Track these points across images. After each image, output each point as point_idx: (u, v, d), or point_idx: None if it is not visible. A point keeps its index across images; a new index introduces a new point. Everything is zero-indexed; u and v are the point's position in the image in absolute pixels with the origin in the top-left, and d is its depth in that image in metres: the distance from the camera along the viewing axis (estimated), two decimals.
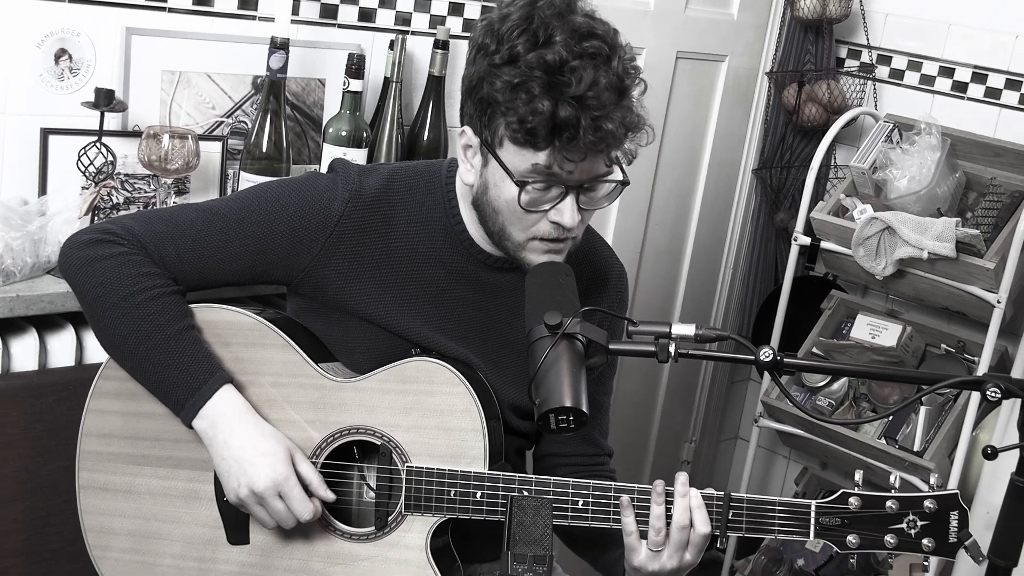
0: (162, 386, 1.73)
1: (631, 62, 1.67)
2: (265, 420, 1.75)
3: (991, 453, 1.49)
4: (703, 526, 1.69)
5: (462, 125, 1.75)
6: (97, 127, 2.14)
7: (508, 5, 1.67)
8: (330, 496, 1.74)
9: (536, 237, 1.72)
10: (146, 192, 2.27)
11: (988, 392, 1.49)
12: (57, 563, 2.09)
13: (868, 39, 3.49)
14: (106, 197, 2.20)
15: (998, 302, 2.88)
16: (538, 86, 1.60)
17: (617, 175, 1.72)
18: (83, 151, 2.13)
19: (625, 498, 1.71)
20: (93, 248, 1.75)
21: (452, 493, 1.73)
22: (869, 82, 3.50)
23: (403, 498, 1.74)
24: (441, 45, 2.59)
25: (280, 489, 1.69)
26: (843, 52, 3.56)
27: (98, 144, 2.14)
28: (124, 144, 2.22)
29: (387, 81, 2.57)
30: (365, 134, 2.45)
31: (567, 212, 1.68)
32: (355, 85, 2.43)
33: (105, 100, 2.12)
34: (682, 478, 1.71)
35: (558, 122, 1.60)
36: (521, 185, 1.66)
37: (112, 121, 2.22)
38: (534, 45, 1.62)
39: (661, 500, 1.69)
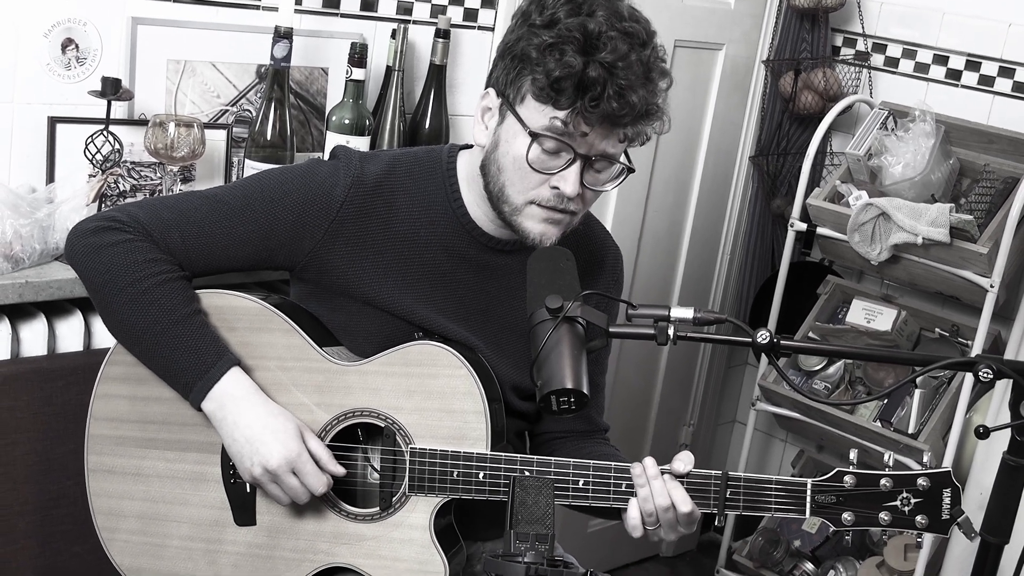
0: (170, 370, 1.75)
1: (662, 61, 1.72)
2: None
3: (983, 432, 1.50)
4: (683, 505, 1.70)
5: (487, 88, 1.78)
6: (104, 116, 2.16)
7: None
8: (340, 471, 1.75)
9: (534, 202, 1.74)
10: (152, 180, 2.29)
11: (980, 373, 1.50)
12: (66, 544, 2.11)
13: (863, 27, 3.50)
14: (113, 185, 2.22)
15: (991, 286, 2.91)
16: (572, 48, 1.64)
17: (624, 160, 1.75)
18: (90, 139, 2.15)
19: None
20: (99, 236, 1.76)
21: (455, 474, 1.75)
22: (864, 70, 3.52)
23: (407, 479, 1.76)
24: (442, 34, 2.60)
25: (293, 465, 1.71)
26: (839, 40, 3.58)
27: (105, 132, 2.16)
28: (130, 132, 2.24)
29: (389, 70, 2.59)
30: (368, 122, 2.47)
31: (570, 179, 1.71)
32: (358, 74, 2.44)
33: (112, 89, 2.14)
34: (648, 462, 1.72)
35: (586, 80, 1.63)
36: (534, 137, 1.69)
37: (118, 110, 2.24)
38: (576, 14, 1.67)
39: (644, 481, 1.72)
